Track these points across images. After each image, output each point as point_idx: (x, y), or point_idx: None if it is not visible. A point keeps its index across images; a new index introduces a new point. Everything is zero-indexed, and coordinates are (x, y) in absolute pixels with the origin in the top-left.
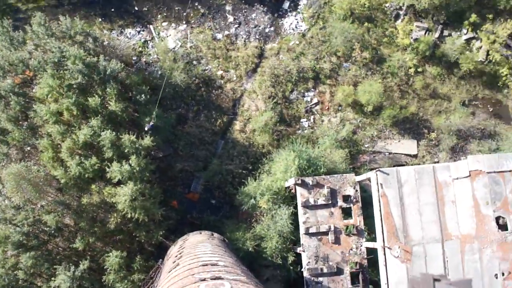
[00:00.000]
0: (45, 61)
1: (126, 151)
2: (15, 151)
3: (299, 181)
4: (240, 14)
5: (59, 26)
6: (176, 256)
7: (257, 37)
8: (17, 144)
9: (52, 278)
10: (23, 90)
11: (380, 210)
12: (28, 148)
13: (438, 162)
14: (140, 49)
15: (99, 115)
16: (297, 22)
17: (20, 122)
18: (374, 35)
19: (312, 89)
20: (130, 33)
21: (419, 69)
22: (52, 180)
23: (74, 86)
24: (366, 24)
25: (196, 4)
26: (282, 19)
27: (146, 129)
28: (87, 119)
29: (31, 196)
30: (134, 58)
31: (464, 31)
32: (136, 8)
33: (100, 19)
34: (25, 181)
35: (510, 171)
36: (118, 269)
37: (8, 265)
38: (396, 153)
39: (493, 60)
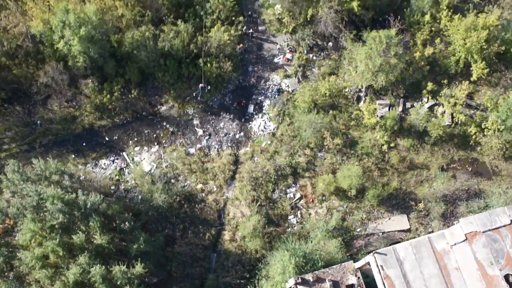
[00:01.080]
0: (23, 206)
1: (119, 283)
2: None
3: (299, 280)
4: (208, 126)
5: (33, 170)
6: None
7: (229, 144)
8: None
9: None
10: (5, 240)
11: None
12: None
13: (432, 231)
14: (117, 177)
15: (86, 251)
16: (265, 123)
17: (5, 274)
18: (341, 121)
19: (293, 185)
20: (104, 163)
21: (392, 144)
22: None
23: (56, 226)
24: (331, 111)
25: (164, 124)
26: (250, 122)
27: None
28: (74, 257)
29: None
30: (113, 187)
31: (425, 99)
32: (107, 139)
33: (73, 155)
34: None
35: (504, 226)
36: None
37: None
38: (389, 231)
39: (459, 122)
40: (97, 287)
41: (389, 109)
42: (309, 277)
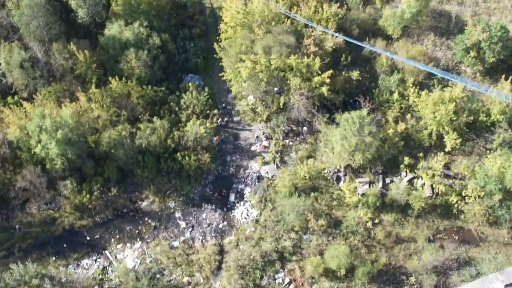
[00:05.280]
0: None
1: None
2: None
3: None
4: (191, 218)
5: (12, 275)
6: None
7: (213, 235)
8: None
9: None
10: None
11: None
12: None
13: None
14: (100, 276)
15: None
16: (248, 210)
17: None
18: (323, 202)
19: (281, 270)
20: (87, 263)
21: (376, 221)
22: None
23: None
24: (312, 194)
25: (146, 219)
26: (232, 211)
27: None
28: None
29: None
30: (96, 287)
31: (403, 174)
32: (88, 238)
33: (54, 258)
34: None
35: None
36: None
37: None
38: None
39: (440, 192)
40: None
41: (369, 186)
42: None
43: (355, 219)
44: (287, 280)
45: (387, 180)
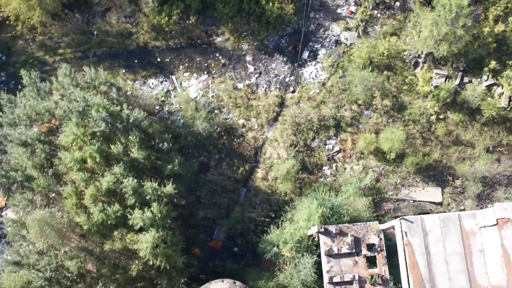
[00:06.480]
0: (70, 110)
1: (148, 198)
2: (40, 198)
3: (322, 229)
4: (260, 64)
5: (84, 77)
6: None
7: (277, 86)
8: (42, 190)
9: None
10: (48, 139)
11: (406, 259)
12: (53, 195)
13: (464, 210)
14: (163, 98)
15: (122, 162)
16: (317, 71)
17: (45, 169)
18: (394, 83)
19: (333, 137)
20: (152, 83)
21: (441, 116)
22: (75, 227)
23: (98, 134)
24: (385, 72)
25: (217, 55)
26: (302, 68)
27: None
28: (110, 166)
29: (54, 242)
30: (157, 107)
31: (485, 77)
32: (159, 59)
33: (123, 70)
34: (48, 227)
35: None
36: None
37: None
38: (420, 201)
39: None
40: (127, 198)
41: (445, 80)
42: (332, 228)
43: (420, 109)
44: (336, 148)
45: (465, 79)
